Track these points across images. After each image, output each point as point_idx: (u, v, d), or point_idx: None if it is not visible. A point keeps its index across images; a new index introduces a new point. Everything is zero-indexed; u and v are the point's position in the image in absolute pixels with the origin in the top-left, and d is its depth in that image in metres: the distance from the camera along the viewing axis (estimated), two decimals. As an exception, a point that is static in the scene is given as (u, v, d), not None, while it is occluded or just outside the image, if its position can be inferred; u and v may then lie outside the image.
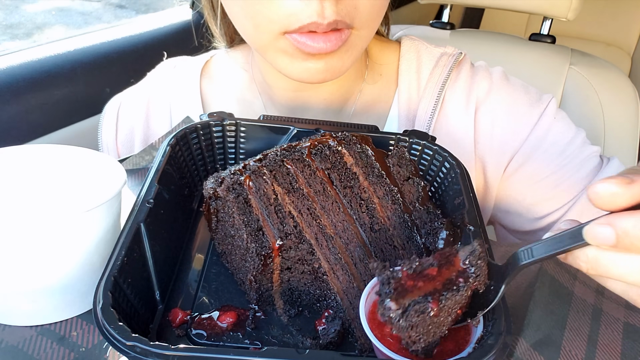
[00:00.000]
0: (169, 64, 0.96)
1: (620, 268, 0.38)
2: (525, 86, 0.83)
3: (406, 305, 0.44)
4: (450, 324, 0.47)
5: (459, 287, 0.45)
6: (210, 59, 0.94)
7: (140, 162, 0.74)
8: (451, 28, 1.60)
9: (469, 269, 0.46)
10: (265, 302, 0.56)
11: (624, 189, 0.36)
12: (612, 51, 2.43)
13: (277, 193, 0.57)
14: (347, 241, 0.58)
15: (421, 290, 0.45)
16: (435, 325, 0.45)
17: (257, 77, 0.88)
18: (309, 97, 0.82)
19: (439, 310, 0.44)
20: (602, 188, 0.36)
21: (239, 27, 0.71)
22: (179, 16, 1.52)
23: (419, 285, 0.46)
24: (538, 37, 1.51)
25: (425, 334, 0.45)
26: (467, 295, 0.46)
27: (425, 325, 0.45)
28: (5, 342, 0.50)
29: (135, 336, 0.42)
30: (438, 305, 0.44)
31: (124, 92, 0.96)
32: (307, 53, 0.65)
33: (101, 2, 4.79)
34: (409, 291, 0.45)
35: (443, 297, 0.45)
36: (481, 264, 0.46)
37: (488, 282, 0.47)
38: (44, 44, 1.22)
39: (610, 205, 0.37)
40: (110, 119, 0.94)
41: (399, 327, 0.44)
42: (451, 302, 0.45)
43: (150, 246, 0.53)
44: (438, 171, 0.66)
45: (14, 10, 4.54)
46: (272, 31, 0.64)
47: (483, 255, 0.46)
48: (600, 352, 0.50)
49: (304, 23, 0.61)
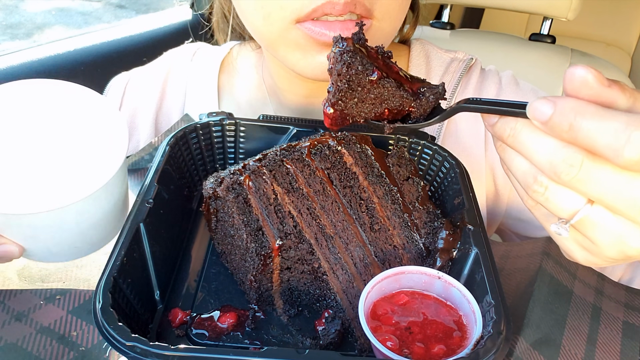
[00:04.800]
0: (188, 50, 0.95)
1: (534, 144, 0.40)
2: (535, 90, 0.82)
3: (358, 56, 0.47)
4: (371, 112, 0.50)
5: (403, 86, 0.49)
6: (230, 52, 0.93)
7: (139, 162, 0.74)
8: (451, 28, 1.60)
9: (422, 94, 0.50)
10: (265, 302, 0.56)
11: (597, 84, 0.37)
12: (612, 51, 2.43)
13: (276, 193, 0.57)
14: (346, 241, 0.58)
15: (376, 61, 0.48)
16: (360, 96, 0.48)
17: (267, 80, 0.87)
18: (319, 103, 0.81)
19: (376, 82, 0.47)
20: (581, 72, 0.37)
21: (249, 23, 0.69)
22: (179, 16, 1.52)
23: (378, 60, 0.48)
24: (538, 37, 1.51)
25: (348, 95, 0.48)
26: (404, 97, 0.49)
27: (355, 84, 0.47)
28: (5, 339, 0.51)
29: (134, 336, 0.42)
30: (380, 77, 0.47)
31: (133, 71, 0.96)
32: (321, 43, 0.62)
33: (101, 2, 4.79)
34: (369, 56, 0.48)
35: (387, 78, 0.48)
36: (431, 101, 0.50)
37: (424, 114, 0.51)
38: (44, 44, 1.22)
39: (575, 90, 0.38)
40: (116, 94, 0.93)
41: (336, 61, 0.47)
42: (387, 90, 0.48)
43: (150, 246, 0.53)
44: (438, 171, 0.66)
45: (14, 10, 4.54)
46: (284, 19, 0.61)
47: (433, 101, 0.50)
48: (599, 351, 0.50)
49: (317, 4, 0.58)
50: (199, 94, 0.90)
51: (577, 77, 0.37)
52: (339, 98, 0.49)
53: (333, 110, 0.49)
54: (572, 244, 0.45)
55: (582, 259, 0.45)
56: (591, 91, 0.37)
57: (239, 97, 0.90)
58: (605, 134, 0.35)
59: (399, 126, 0.50)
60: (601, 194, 0.38)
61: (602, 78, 0.37)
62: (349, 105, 0.49)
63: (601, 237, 0.41)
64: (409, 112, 0.50)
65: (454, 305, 0.51)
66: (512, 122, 0.41)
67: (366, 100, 0.49)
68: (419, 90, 0.50)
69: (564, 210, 0.41)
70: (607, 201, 0.39)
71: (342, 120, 0.50)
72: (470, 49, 0.89)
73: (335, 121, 0.50)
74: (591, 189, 0.38)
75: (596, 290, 0.57)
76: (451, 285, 0.51)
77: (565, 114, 0.37)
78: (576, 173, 0.38)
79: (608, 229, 0.40)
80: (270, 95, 0.87)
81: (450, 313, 0.51)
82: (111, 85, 0.95)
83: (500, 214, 0.84)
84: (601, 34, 2.47)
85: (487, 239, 0.55)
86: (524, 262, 0.60)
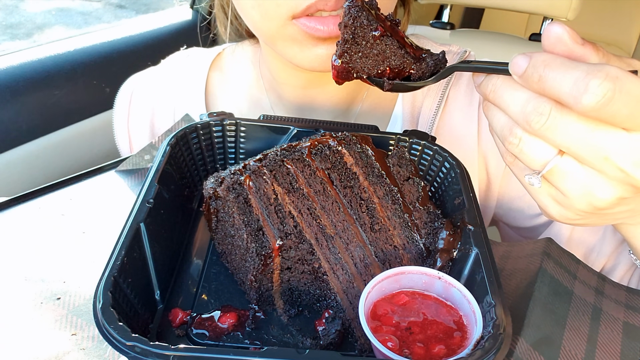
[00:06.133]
0: (181, 54, 0.97)
1: (510, 97, 0.43)
2: None
3: (364, 11, 0.50)
4: (374, 68, 0.53)
5: (405, 48, 0.52)
6: (222, 52, 0.95)
7: (140, 162, 0.74)
8: (451, 28, 1.60)
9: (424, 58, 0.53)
10: (265, 302, 0.56)
11: (571, 41, 0.40)
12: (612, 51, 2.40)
13: (277, 193, 0.57)
14: (347, 241, 0.58)
15: (383, 23, 0.51)
16: (364, 50, 0.51)
17: (265, 74, 0.88)
18: (317, 94, 0.82)
19: (379, 37, 0.50)
20: (557, 29, 0.41)
21: (247, 19, 0.71)
22: (179, 16, 1.52)
23: (385, 22, 0.52)
24: (538, 37, 1.51)
25: (353, 48, 0.51)
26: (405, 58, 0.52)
27: (360, 37, 0.51)
28: (6, 339, 0.50)
29: (135, 336, 0.42)
30: (383, 33, 0.50)
31: (139, 75, 0.97)
32: (317, 38, 0.64)
33: (101, 2, 4.79)
34: (377, 17, 0.51)
35: (389, 36, 0.51)
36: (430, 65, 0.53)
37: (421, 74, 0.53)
38: (44, 44, 1.22)
39: (551, 46, 0.41)
40: (123, 105, 0.94)
41: (345, 14, 0.50)
42: (389, 48, 0.51)
43: (150, 246, 0.53)
44: (438, 171, 0.66)
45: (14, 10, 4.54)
46: (280, 16, 0.63)
47: (432, 66, 0.53)
48: (599, 352, 0.50)
49: (312, 1, 0.61)
50: (188, 93, 0.91)
51: (553, 33, 0.41)
52: (344, 50, 0.52)
53: (340, 62, 0.52)
54: (545, 197, 0.48)
55: (556, 213, 0.48)
56: (565, 47, 0.41)
57: (235, 93, 0.91)
58: (567, 82, 0.38)
59: (398, 83, 0.53)
60: (568, 142, 0.41)
61: (576, 36, 0.40)
62: (353, 59, 0.53)
63: (571, 188, 0.44)
64: (410, 74, 0.53)
65: (454, 306, 0.51)
66: (494, 78, 0.45)
67: (369, 55, 0.52)
68: (421, 56, 0.53)
69: (535, 160, 0.44)
70: (573, 150, 0.42)
71: (347, 73, 0.53)
72: (470, 49, 0.89)
73: (341, 74, 0.54)
74: (559, 138, 0.41)
75: (596, 291, 0.57)
76: (451, 285, 0.51)
77: (536, 66, 0.40)
78: (545, 121, 0.41)
79: (576, 179, 0.43)
80: (267, 90, 0.88)
81: (451, 313, 0.51)
82: (119, 97, 0.97)
83: (492, 204, 0.85)
84: (601, 34, 2.47)
85: (487, 239, 0.55)
86: (524, 263, 0.60)
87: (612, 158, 0.41)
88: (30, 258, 0.60)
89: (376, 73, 0.53)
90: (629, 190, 0.43)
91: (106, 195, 0.70)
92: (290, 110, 0.85)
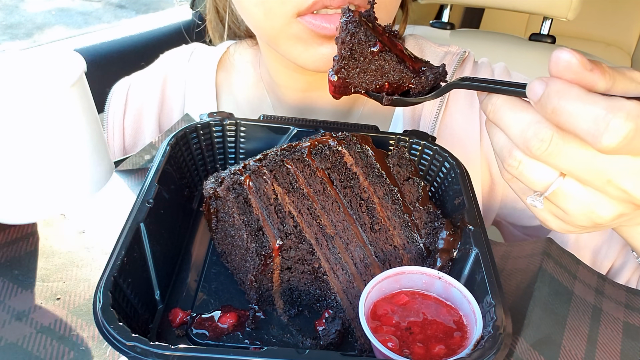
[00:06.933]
0: (184, 51, 0.96)
1: (510, 119, 0.42)
2: (528, 80, 0.83)
3: (362, 27, 0.49)
4: (372, 83, 0.52)
5: (404, 62, 0.51)
6: (227, 51, 0.94)
7: (140, 161, 0.74)
8: (451, 28, 1.60)
9: (423, 72, 0.52)
10: (265, 302, 0.56)
11: (580, 68, 0.38)
12: (612, 51, 2.43)
13: (277, 193, 0.57)
14: (347, 241, 0.58)
15: (381, 37, 0.50)
16: (362, 66, 0.50)
17: (265, 76, 0.87)
18: (318, 98, 0.82)
19: (377, 52, 0.49)
20: (565, 55, 0.39)
21: (249, 18, 0.70)
22: (179, 16, 1.52)
23: (383, 36, 0.50)
24: (538, 37, 1.51)
25: (351, 64, 0.50)
26: (405, 72, 0.51)
27: (357, 53, 0.50)
28: (5, 339, 0.50)
29: (135, 336, 0.42)
30: (382, 48, 0.49)
31: (133, 75, 0.96)
32: (322, 36, 0.63)
33: (101, 2, 4.79)
34: (374, 30, 0.50)
35: (389, 52, 0.50)
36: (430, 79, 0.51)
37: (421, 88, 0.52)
38: (44, 44, 1.22)
39: (559, 73, 0.39)
40: (119, 100, 0.94)
41: (342, 30, 0.49)
42: (387, 63, 0.50)
43: (150, 246, 0.53)
44: (438, 171, 0.66)
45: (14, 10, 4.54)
46: (285, 14, 0.63)
47: (432, 80, 0.51)
48: (600, 352, 0.50)
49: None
50: (198, 93, 0.91)
51: (562, 60, 0.39)
52: (342, 66, 0.51)
53: (337, 78, 0.51)
54: (546, 214, 0.47)
55: (556, 227, 0.48)
56: (574, 75, 0.39)
57: (238, 94, 0.91)
58: (585, 119, 0.37)
59: (396, 98, 0.52)
60: (571, 167, 0.41)
61: (585, 62, 0.39)
62: (351, 74, 0.52)
63: (573, 207, 0.44)
64: (409, 88, 0.52)
65: (454, 306, 0.51)
66: (495, 98, 0.44)
67: (368, 71, 0.51)
68: (420, 69, 0.52)
69: (537, 183, 0.44)
70: (576, 174, 0.41)
71: (344, 88, 0.52)
72: (470, 49, 0.89)
73: (338, 89, 0.52)
74: (561, 163, 0.41)
75: (596, 291, 0.57)
76: (451, 285, 0.51)
77: (550, 96, 0.39)
78: (546, 147, 0.40)
79: (579, 200, 0.43)
80: (268, 92, 0.88)
81: (451, 313, 0.51)
82: (114, 92, 0.96)
83: (496, 205, 0.85)
84: (601, 34, 2.47)
85: (487, 239, 0.55)
86: (524, 263, 0.60)
87: (615, 181, 0.40)
88: (30, 258, 0.60)
89: (374, 88, 0.52)
90: (630, 207, 0.43)
91: (106, 195, 0.70)
92: (291, 113, 0.85)
